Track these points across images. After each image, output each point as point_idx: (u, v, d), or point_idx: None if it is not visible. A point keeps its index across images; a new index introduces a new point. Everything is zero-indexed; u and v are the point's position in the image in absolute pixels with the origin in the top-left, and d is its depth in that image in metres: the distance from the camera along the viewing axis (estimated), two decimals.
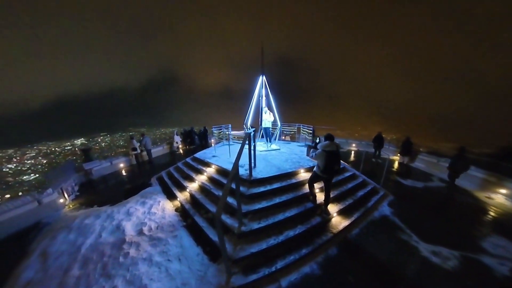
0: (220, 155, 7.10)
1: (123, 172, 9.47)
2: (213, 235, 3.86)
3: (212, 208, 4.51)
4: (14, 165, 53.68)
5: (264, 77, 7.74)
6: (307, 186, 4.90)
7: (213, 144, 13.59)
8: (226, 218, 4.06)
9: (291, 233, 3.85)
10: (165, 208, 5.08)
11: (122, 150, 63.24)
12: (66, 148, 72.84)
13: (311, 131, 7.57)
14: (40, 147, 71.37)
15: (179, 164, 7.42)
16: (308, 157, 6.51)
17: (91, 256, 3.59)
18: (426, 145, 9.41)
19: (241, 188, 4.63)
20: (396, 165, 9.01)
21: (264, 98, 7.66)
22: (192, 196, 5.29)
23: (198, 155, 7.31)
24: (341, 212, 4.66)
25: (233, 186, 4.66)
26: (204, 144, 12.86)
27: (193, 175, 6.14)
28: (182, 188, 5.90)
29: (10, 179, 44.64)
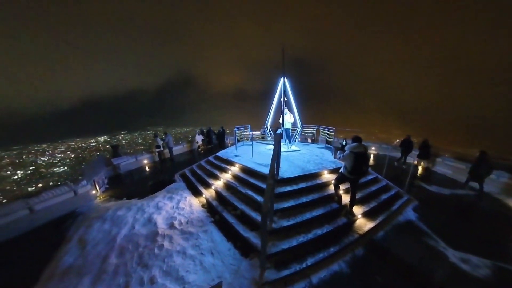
0: (242, 154, 7.08)
1: (147, 168, 9.71)
2: (243, 231, 3.89)
3: (240, 205, 4.51)
4: (47, 158, 57.23)
5: (285, 78, 7.67)
6: (331, 187, 4.86)
7: (229, 144, 13.72)
8: (256, 216, 4.09)
9: (319, 231, 3.84)
10: (192, 204, 5.12)
11: (140, 147, 65.60)
12: (91, 144, 76.39)
13: (332, 133, 7.34)
14: (69, 143, 75.55)
15: (202, 162, 7.49)
16: (331, 159, 6.36)
17: (126, 246, 3.66)
18: (452, 150, 8.79)
19: None
20: (420, 170, 8.48)
21: (285, 99, 7.58)
22: (218, 193, 5.30)
23: (221, 154, 7.34)
24: (365, 214, 4.55)
25: (263, 185, 4.71)
26: (221, 144, 12.91)
27: (218, 173, 6.16)
28: (207, 185, 5.93)
29: (43, 170, 47.99)
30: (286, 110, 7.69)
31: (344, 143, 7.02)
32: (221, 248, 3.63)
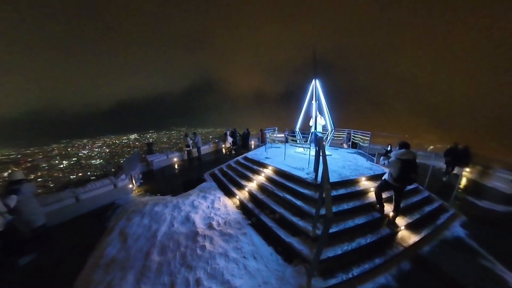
0: (273, 156, 6.77)
1: (176, 166, 9.80)
2: (285, 236, 3.62)
3: (279, 209, 4.23)
4: (87, 151, 62.15)
5: (316, 80, 7.28)
6: (370, 195, 4.47)
7: (252, 146, 13.50)
8: (298, 221, 3.82)
9: (362, 241, 3.51)
10: (227, 205, 4.91)
11: (165, 146, 68.63)
12: (123, 141, 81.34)
13: (367, 138, 6.71)
14: (105, 139, 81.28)
15: (231, 163, 7.30)
16: (367, 165, 5.83)
17: (167, 243, 3.51)
18: (504, 161, 7.55)
19: (307, 192, 4.35)
20: (466, 182, 7.32)
21: (316, 102, 7.17)
22: (253, 195, 5.04)
23: (250, 155, 7.09)
24: (409, 226, 4.08)
25: (301, 190, 4.40)
26: (245, 145, 12.67)
27: (250, 175, 5.91)
28: (240, 187, 5.70)
29: (83, 161, 52.44)
30: (317, 113, 7.28)
31: (388, 148, 6.42)
32: (262, 252, 3.38)
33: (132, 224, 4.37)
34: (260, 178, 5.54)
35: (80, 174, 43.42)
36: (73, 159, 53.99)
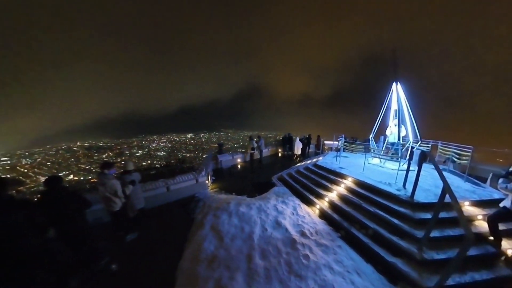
0: (347, 166, 6.26)
1: (239, 166, 10.13)
2: (385, 255, 3.28)
3: (372, 225, 3.85)
4: (155, 145, 75.52)
5: (397, 84, 6.36)
6: (477, 223, 3.73)
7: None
8: (398, 240, 3.41)
9: (476, 276, 2.91)
10: (309, 213, 4.70)
11: (214, 145, 74.99)
12: (181, 138, 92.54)
13: (468, 153, 5.40)
14: (168, 136, 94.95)
15: (301, 169, 7.06)
16: (466, 188, 4.74)
17: (267, 248, 3.47)
18: None
19: (404, 210, 3.82)
20: None
21: (397, 108, 6.29)
22: (337, 207, 4.70)
23: (322, 163, 6.70)
24: None
25: (395, 207, 3.88)
26: (303, 152, 12.11)
27: (328, 184, 5.57)
28: (318, 195, 5.41)
29: (152, 152, 63.72)
30: (396, 121, 6.40)
31: (510, 169, 5.12)
32: (363, 268, 3.08)
33: (222, 222, 4.37)
34: (340, 189, 5.14)
35: (149, 162, 51.31)
36: (145, 150, 65.88)
